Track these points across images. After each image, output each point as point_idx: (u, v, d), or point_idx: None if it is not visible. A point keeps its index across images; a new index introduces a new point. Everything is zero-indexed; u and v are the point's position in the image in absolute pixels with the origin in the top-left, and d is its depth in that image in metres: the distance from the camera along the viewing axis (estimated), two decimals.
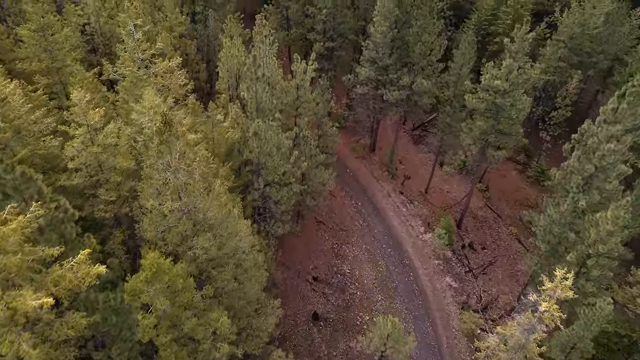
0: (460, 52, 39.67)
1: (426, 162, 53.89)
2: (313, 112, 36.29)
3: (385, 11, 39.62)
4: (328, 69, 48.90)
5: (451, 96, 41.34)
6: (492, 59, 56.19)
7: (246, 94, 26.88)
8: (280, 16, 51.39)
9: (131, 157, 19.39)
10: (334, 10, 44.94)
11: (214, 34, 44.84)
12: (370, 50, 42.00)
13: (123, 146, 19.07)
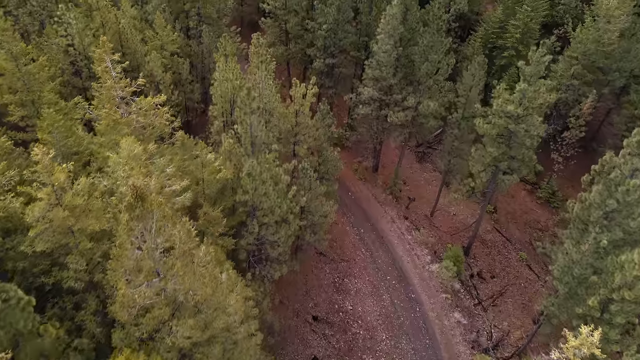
0: (469, 73, 37.29)
1: (431, 181, 51.54)
2: (313, 138, 33.93)
3: (389, 29, 37.26)
4: (329, 86, 46.57)
5: (459, 118, 38.97)
6: (501, 73, 54.01)
7: (240, 127, 24.51)
8: (279, 29, 49.02)
9: (105, 216, 17.03)
10: (335, 25, 42.57)
11: (209, 50, 42.47)
12: (374, 69, 39.65)
13: (95, 204, 16.72)
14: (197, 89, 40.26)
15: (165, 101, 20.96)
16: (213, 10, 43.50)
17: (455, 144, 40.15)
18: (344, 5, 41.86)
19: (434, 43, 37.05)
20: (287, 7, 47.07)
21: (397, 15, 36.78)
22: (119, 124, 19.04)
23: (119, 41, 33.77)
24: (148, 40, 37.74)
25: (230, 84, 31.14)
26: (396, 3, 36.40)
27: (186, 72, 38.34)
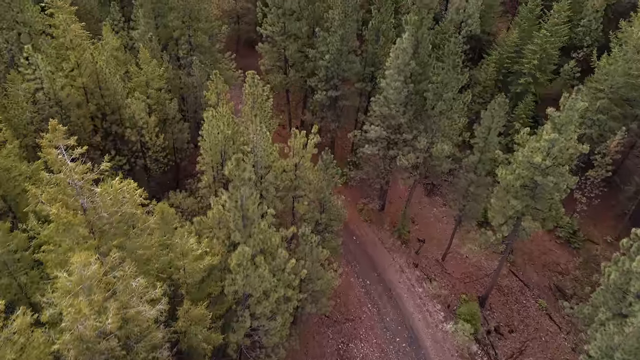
0: (488, 113, 33.47)
1: (441, 218, 47.75)
2: (315, 190, 30.17)
3: (399, 64, 33.50)
4: (332, 119, 42.79)
5: (476, 162, 35.17)
6: (516, 101, 50.20)
7: (229, 202, 20.74)
8: (277, 55, 45.20)
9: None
10: (338, 56, 38.79)
11: (200, 83, 38.69)
12: (381, 106, 35.90)
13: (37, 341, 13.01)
14: (187, 128, 36.45)
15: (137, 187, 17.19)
16: (205, 38, 39.74)
17: (472, 188, 36.36)
18: (348, 33, 38.08)
19: (449, 80, 33.29)
20: (287, 32, 43.31)
21: (408, 49, 33.02)
22: (74, 225, 15.32)
23: (96, 82, 30.01)
24: (132, 75, 33.96)
25: (221, 135, 27.36)
26: (407, 36, 32.63)
27: (174, 110, 34.55)
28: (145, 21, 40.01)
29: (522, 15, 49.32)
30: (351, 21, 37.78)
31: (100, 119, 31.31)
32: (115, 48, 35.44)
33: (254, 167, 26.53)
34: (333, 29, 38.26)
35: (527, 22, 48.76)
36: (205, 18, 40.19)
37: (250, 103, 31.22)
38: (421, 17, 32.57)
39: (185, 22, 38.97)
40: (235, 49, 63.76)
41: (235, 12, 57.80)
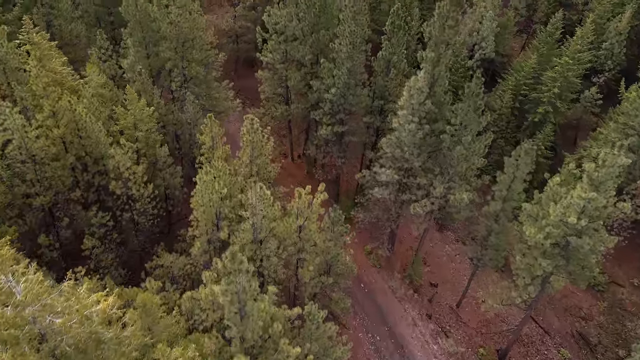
0: (512, 161, 30.18)
1: (454, 257, 44.54)
2: (321, 253, 26.94)
3: (414, 104, 30.25)
4: (338, 155, 39.56)
5: (498, 211, 31.91)
6: (533, 130, 46.94)
7: (222, 297, 17.49)
8: (278, 83, 41.98)
9: None
10: (345, 90, 35.57)
11: (195, 119, 35.48)
12: (393, 148, 32.67)
13: None
14: (180, 172, 33.16)
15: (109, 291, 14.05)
16: (200, 69, 36.48)
17: (492, 237, 33.12)
18: (356, 66, 34.86)
19: (469, 122, 30.04)
20: (288, 59, 40.09)
21: (424, 88, 29.78)
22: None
23: (76, 131, 26.77)
24: (119, 116, 30.73)
25: (216, 195, 24.11)
26: (423, 75, 29.40)
27: (165, 155, 31.28)
28: (135, 50, 36.83)
29: (540, 39, 46.09)
30: (359, 52, 34.56)
31: (81, 169, 28.11)
32: (100, 85, 32.20)
33: (253, 232, 23.32)
34: (339, 61, 35.04)
35: (546, 47, 45.52)
36: (200, 47, 36.98)
37: (248, 152, 28.01)
38: (438, 53, 29.33)
39: (178, 52, 35.75)
40: (234, 68, 60.69)
41: (233, 31, 54.58)
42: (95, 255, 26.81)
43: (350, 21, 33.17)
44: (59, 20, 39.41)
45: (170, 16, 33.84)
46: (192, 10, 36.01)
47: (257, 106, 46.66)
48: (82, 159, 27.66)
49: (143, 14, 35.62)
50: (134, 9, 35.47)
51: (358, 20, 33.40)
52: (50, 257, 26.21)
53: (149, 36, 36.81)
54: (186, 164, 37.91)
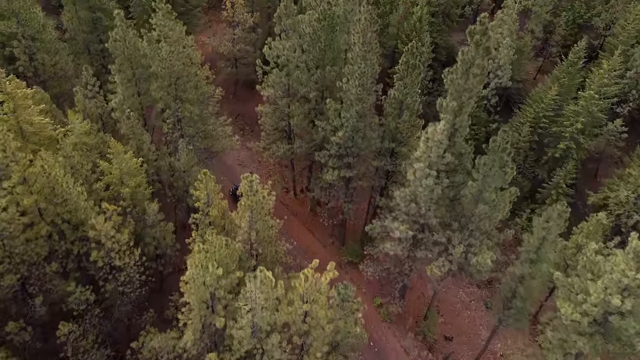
0: (541, 221, 27.03)
1: (469, 303, 41.36)
2: (329, 336, 23.78)
3: (432, 157, 27.11)
4: (345, 200, 36.43)
5: (527, 274, 28.75)
6: (553, 166, 43.81)
7: None
8: (280, 118, 38.85)
9: None
10: (354, 133, 32.45)
11: (189, 167, 32.38)
12: (407, 202, 29.53)
13: None
14: (171, 228, 30.01)
15: None
16: (194, 109, 33.32)
17: (517, 300, 29.98)
18: (366, 108, 31.75)
19: (493, 179, 26.90)
20: (291, 94, 36.93)
21: (443, 141, 26.65)
22: None
23: (51, 196, 23.66)
24: (105, 171, 27.59)
25: (210, 278, 20.97)
26: (442, 126, 26.26)
27: (154, 213, 28.10)
28: (124, 87, 33.73)
29: (561, 69, 42.90)
30: (369, 94, 31.45)
31: (59, 238, 24.99)
32: (84, 132, 29.07)
33: (252, 329, 20.20)
34: (347, 102, 31.90)
35: (567, 77, 42.33)
36: (194, 84, 33.86)
37: (247, 219, 24.87)
38: (461, 102, 26.20)
39: (170, 92, 32.62)
40: (233, 90, 57.60)
41: (232, 54, 51.43)
42: (73, 339, 23.69)
43: (360, 61, 30.02)
44: (42, 53, 36.27)
45: (161, 53, 30.68)
46: (185, 44, 32.95)
47: (258, 132, 43.64)
48: (60, 226, 24.56)
49: (132, 49, 32.54)
50: (122, 44, 32.38)
51: (368, 59, 30.26)
52: (22, 341, 23.11)
53: (139, 72, 33.74)
54: (180, 212, 34.81)
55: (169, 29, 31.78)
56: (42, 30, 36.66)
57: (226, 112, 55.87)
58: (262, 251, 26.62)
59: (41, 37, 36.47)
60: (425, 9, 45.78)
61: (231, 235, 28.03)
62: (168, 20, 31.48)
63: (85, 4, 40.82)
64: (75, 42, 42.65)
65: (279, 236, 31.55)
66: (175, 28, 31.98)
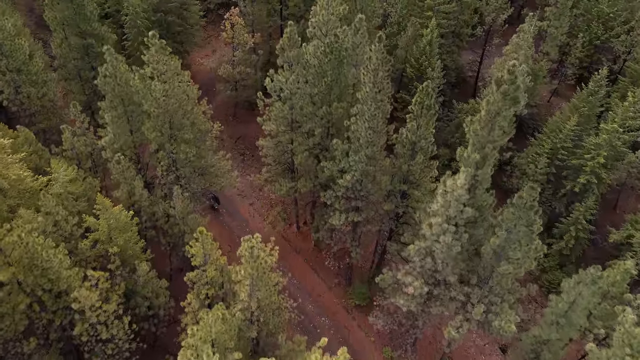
0: (572, 286, 24.57)
1: (483, 348, 38.93)
2: None
3: (451, 212, 24.66)
4: (352, 244, 34.01)
5: (552, 337, 26.31)
6: (572, 199, 41.43)
7: None
8: (282, 153, 36.43)
9: None
10: (364, 177, 30.02)
11: (185, 214, 29.92)
12: (422, 257, 27.13)
13: None
14: (164, 286, 27.56)
15: None
16: (191, 149, 30.83)
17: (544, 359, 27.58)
18: (377, 152, 29.32)
19: (519, 237, 24.45)
20: (294, 127, 34.47)
21: (463, 196, 24.20)
22: None
23: (30, 265, 21.23)
24: (92, 227, 25.15)
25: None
26: (463, 180, 23.81)
27: (145, 273, 25.66)
28: (115, 125, 31.29)
29: (580, 98, 40.46)
30: (380, 137, 29.02)
31: (39, 309, 22.58)
32: (69, 181, 26.63)
33: None
34: (357, 144, 29.45)
35: (587, 106, 39.89)
36: (191, 123, 31.41)
37: (247, 289, 22.41)
38: (484, 154, 23.79)
39: (164, 132, 30.18)
40: (232, 112, 55.18)
41: (232, 77, 48.98)
42: None
43: (370, 102, 27.58)
44: (27, 87, 33.81)
45: (154, 93, 28.22)
46: (181, 80, 30.52)
47: (259, 157, 41.33)
48: (40, 296, 22.17)
49: (124, 86, 30.10)
50: (112, 80, 29.93)
51: (380, 100, 27.80)
52: None
53: (132, 109, 31.30)
54: (175, 259, 32.39)
55: (163, 64, 29.34)
56: (29, 61, 34.22)
57: (225, 136, 54.06)
58: (264, 319, 24.17)
59: (27, 68, 34.04)
60: (436, 31, 43.32)
61: (229, 297, 25.64)
62: (162, 55, 29.01)
63: (76, 29, 38.35)
64: (65, 69, 40.20)
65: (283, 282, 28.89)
66: (169, 63, 29.53)
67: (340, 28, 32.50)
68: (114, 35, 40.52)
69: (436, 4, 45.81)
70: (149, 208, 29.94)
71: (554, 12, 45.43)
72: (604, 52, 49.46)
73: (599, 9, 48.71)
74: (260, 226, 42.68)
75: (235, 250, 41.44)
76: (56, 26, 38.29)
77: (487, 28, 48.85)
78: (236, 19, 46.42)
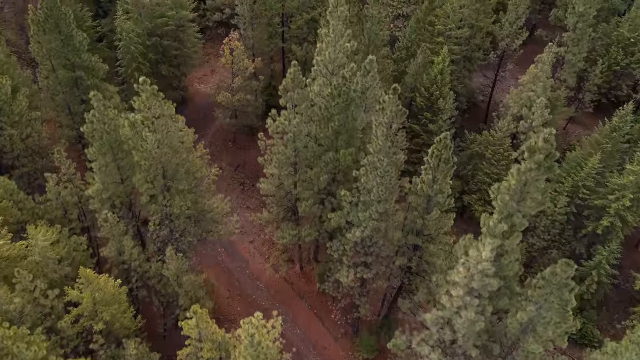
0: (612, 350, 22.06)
1: None
2: None
3: (475, 285, 22.13)
4: (360, 301, 31.52)
5: None
6: (593, 240, 38.95)
7: None
8: (285, 198, 33.94)
9: None
10: (375, 232, 27.50)
11: (179, 273, 27.34)
12: (440, 327, 24.60)
13: None
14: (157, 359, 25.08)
15: None
16: (187, 201, 28.32)
17: None
18: (389, 208, 26.79)
19: (550, 315, 21.92)
20: (297, 170, 31.94)
21: (488, 269, 21.67)
22: None
23: None
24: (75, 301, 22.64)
25: None
26: (489, 254, 21.25)
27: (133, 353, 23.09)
28: (103, 175, 28.77)
29: (603, 134, 37.91)
30: (392, 193, 26.49)
31: None
32: (51, 243, 24.11)
33: None
34: (367, 200, 26.92)
35: (610, 143, 37.36)
36: (186, 172, 28.88)
37: None
38: (511, 224, 21.29)
39: (157, 185, 27.63)
40: (232, 137, 52.70)
41: (231, 104, 46.48)
42: None
43: (383, 157, 25.03)
44: (9, 129, 31.30)
45: (145, 145, 25.68)
46: (176, 127, 27.97)
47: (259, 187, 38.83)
48: None
49: (112, 134, 27.57)
50: (100, 128, 27.39)
51: (393, 154, 25.27)
52: None
53: (122, 157, 28.77)
54: (169, 321, 29.87)
55: (156, 108, 26.77)
56: (11, 100, 31.71)
57: (224, 163, 51.52)
58: None
59: (9, 108, 31.52)
60: (448, 59, 40.76)
61: None
62: (154, 101, 26.43)
63: (64, 61, 35.82)
64: (53, 101, 37.73)
65: None
66: (163, 109, 26.96)
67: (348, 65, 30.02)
68: (105, 66, 37.98)
69: (447, 29, 43.26)
70: (140, 267, 27.41)
71: (572, 38, 42.88)
72: (624, 77, 46.95)
73: (619, 33, 46.21)
74: (261, 268, 40.20)
75: (234, 295, 39.27)
76: (43, 58, 35.83)
77: (501, 53, 46.29)
78: (235, 43, 43.91)
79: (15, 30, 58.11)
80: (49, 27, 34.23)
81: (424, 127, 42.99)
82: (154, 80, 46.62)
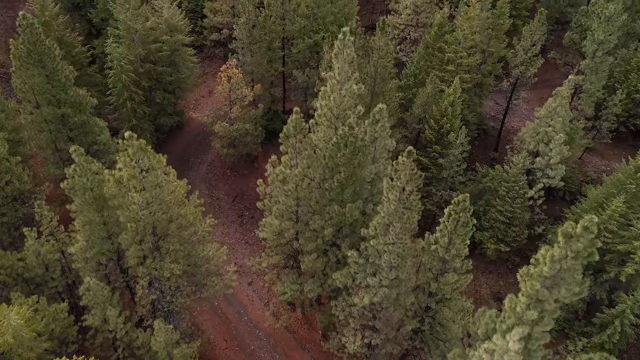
0: None
1: None
2: None
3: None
4: None
5: None
6: (615, 285, 36.49)
7: None
8: (286, 254, 31.51)
9: None
10: (385, 300, 25.02)
11: (170, 344, 24.79)
12: None
13: None
14: None
15: None
16: (179, 265, 25.82)
17: None
18: (401, 277, 24.28)
19: None
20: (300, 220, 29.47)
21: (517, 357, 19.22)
22: None
23: None
24: None
25: None
26: (518, 346, 18.82)
27: None
28: (87, 232, 26.32)
29: (627, 173, 35.41)
30: (406, 260, 23.99)
31: None
32: (27, 320, 21.63)
33: None
34: (378, 264, 24.43)
35: (635, 184, 34.84)
36: (178, 227, 26.40)
37: None
38: (542, 310, 18.84)
39: (145, 246, 25.14)
40: (230, 165, 50.25)
41: (229, 135, 44.03)
42: None
43: (396, 223, 22.54)
44: None
45: (132, 206, 23.21)
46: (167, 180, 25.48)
47: (258, 218, 36.25)
48: None
49: (97, 191, 25.09)
50: (85, 183, 24.91)
51: (407, 218, 22.77)
52: None
53: (107, 216, 26.28)
54: None
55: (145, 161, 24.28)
56: None
57: (222, 194, 49.12)
58: None
59: None
60: (459, 90, 38.27)
61: None
62: (142, 155, 23.93)
63: (48, 96, 33.35)
64: (37, 140, 35.29)
65: None
66: (152, 162, 24.46)
67: (355, 109, 27.62)
68: (94, 100, 35.50)
69: (458, 57, 40.76)
70: (126, 336, 24.95)
71: (591, 66, 40.41)
72: None
73: (638, 59, 43.70)
74: (260, 314, 37.68)
75: (231, 346, 36.79)
76: (26, 94, 33.35)
77: (514, 81, 43.78)
78: (233, 71, 41.43)
79: (3, 49, 55.74)
80: (32, 62, 31.80)
81: (433, 161, 40.55)
82: (147, 108, 44.70)
